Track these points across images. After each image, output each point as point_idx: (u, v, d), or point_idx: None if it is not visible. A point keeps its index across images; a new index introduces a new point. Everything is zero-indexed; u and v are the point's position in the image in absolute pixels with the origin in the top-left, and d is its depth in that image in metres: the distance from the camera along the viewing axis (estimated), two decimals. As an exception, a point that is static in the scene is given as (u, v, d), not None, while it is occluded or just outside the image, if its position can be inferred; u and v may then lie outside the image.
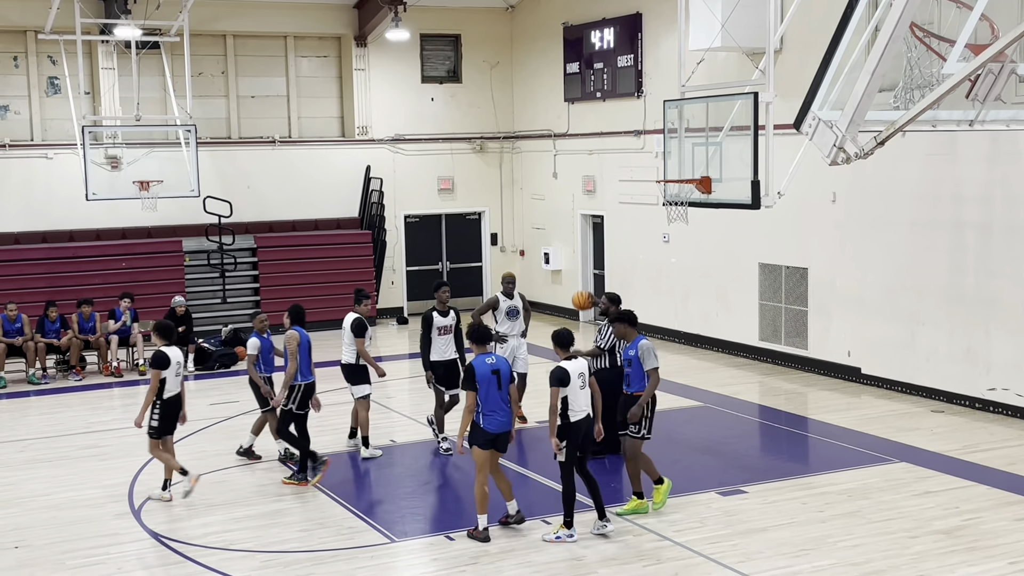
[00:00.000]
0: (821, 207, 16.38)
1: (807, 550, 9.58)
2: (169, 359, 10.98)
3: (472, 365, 9.87)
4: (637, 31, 20.21)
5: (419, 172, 23.71)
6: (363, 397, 12.78)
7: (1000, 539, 9.74)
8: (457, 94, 24.04)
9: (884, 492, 11.09)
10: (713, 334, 18.77)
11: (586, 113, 21.93)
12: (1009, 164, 13.70)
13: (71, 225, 20.90)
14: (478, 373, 9.78)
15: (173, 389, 11.09)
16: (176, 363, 11.11)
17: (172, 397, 11.09)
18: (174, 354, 11.11)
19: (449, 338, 13.00)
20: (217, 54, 22.52)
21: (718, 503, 10.88)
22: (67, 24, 19.26)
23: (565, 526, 9.89)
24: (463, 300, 24.47)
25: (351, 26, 23.06)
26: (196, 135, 19.65)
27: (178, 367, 11.15)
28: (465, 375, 10.02)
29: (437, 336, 12.88)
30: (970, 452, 12.45)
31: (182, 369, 11.28)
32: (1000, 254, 13.90)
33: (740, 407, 15.05)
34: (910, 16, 8.55)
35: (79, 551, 9.99)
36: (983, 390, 14.24)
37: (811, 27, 14.45)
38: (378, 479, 12.18)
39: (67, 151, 20.52)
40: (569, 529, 9.89)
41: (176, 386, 11.14)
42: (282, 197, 22.59)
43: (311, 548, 9.90)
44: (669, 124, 12.08)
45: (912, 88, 9.60)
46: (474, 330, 10.19)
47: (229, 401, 15.97)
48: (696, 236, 18.12)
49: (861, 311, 15.98)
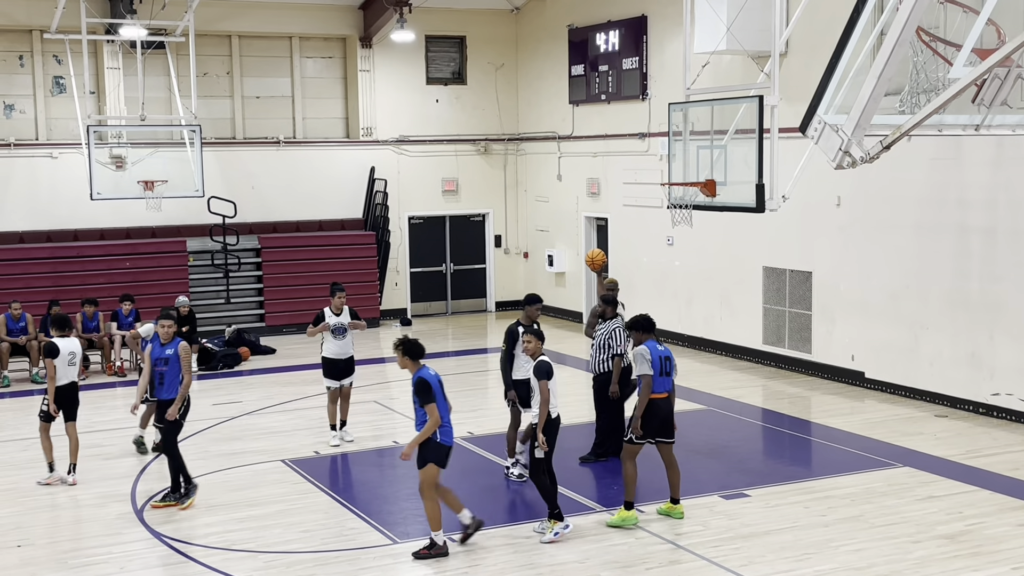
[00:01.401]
0: (825, 211, 16.36)
1: (809, 554, 9.56)
2: (59, 349, 11.62)
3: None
4: (642, 34, 20.21)
5: (423, 173, 23.72)
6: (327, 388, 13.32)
7: (1003, 544, 9.72)
8: (462, 96, 24.05)
9: (887, 497, 11.07)
10: (717, 337, 18.75)
11: (591, 115, 21.92)
12: (1014, 169, 13.68)
13: (75, 224, 20.93)
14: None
15: (65, 378, 11.70)
16: (68, 353, 11.70)
17: (65, 385, 11.72)
18: (65, 344, 11.72)
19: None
20: (222, 54, 22.54)
21: (721, 506, 10.86)
22: (72, 24, 19.28)
23: (557, 520, 9.95)
24: (466, 302, 24.55)
25: (356, 27, 23.08)
26: (201, 135, 19.65)
27: (71, 357, 11.75)
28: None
29: (520, 353, 11.59)
30: (974, 457, 12.43)
31: (76, 359, 11.84)
32: (1005, 259, 13.88)
33: (743, 410, 15.03)
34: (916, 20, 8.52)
35: (81, 550, 10.00)
36: (987, 395, 14.22)
37: (816, 30, 14.44)
38: (380, 480, 12.18)
39: (72, 150, 20.55)
40: (562, 521, 9.95)
41: (69, 375, 11.76)
42: (286, 198, 22.60)
43: (313, 549, 9.89)
44: (674, 127, 12.07)
45: (918, 92, 9.57)
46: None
47: (232, 401, 15.98)
48: (700, 239, 18.11)
49: (865, 315, 15.96)
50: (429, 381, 9.49)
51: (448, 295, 24.37)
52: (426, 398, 9.45)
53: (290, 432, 14.13)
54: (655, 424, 10.34)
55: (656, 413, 10.33)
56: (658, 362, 10.30)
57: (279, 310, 21.73)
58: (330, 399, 13.37)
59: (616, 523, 10.26)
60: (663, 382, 10.34)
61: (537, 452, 9.81)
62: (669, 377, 10.42)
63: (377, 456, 13.02)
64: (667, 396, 10.40)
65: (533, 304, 11.79)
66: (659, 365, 10.30)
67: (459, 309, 24.45)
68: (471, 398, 16.05)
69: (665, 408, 10.38)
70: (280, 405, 15.67)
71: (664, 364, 10.36)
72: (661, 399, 10.33)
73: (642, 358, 10.29)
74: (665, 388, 10.37)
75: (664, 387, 10.36)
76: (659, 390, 10.30)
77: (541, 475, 9.91)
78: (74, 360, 11.84)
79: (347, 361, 13.33)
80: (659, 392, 10.30)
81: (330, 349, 13.25)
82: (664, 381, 10.35)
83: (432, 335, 21.84)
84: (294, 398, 16.08)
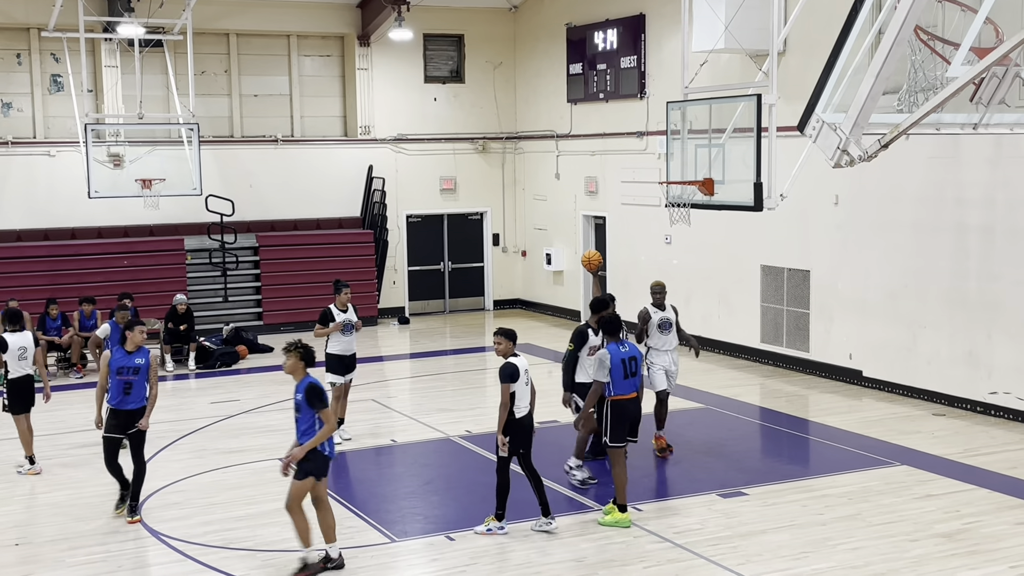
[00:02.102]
0: (823, 210, 16.37)
1: (807, 553, 9.57)
2: (7, 344, 12.06)
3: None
4: (640, 32, 20.21)
5: (421, 172, 23.71)
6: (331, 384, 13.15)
7: (1001, 543, 9.73)
8: (460, 94, 24.04)
9: (884, 495, 11.08)
10: (715, 336, 18.75)
11: (589, 114, 21.92)
12: (1012, 168, 13.69)
13: (73, 223, 20.91)
14: None
15: (16, 371, 12.13)
16: (18, 348, 12.10)
17: (17, 378, 12.14)
18: (15, 340, 12.12)
19: None
20: (220, 52, 22.52)
21: (718, 505, 10.87)
22: (70, 22, 19.27)
23: (496, 518, 10.03)
24: (463, 300, 24.54)
25: (354, 25, 23.06)
26: (199, 133, 19.64)
27: (21, 351, 12.11)
28: None
29: (586, 356, 11.55)
30: (971, 456, 12.44)
31: (28, 354, 12.16)
32: (1002, 258, 13.89)
33: (741, 409, 15.04)
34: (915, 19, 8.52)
35: (79, 549, 9.99)
36: (984, 394, 14.23)
37: (815, 29, 14.45)
38: (378, 478, 12.18)
39: (69, 149, 20.53)
40: (500, 522, 10.02)
41: (21, 369, 12.14)
42: (284, 196, 22.59)
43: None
44: (672, 125, 12.06)
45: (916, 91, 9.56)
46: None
47: (230, 400, 15.97)
48: (698, 238, 18.11)
49: (863, 314, 15.97)
50: (321, 387, 9.37)
51: (446, 294, 24.37)
52: (322, 404, 9.23)
53: (288, 430, 14.00)
54: (626, 424, 10.36)
55: (625, 414, 10.34)
56: (620, 365, 10.27)
57: (277, 308, 21.72)
58: (334, 396, 13.25)
59: (609, 524, 10.30)
60: (628, 383, 10.33)
61: (502, 451, 9.89)
62: (635, 377, 10.40)
63: (375, 454, 13.03)
64: (635, 396, 10.41)
65: (607, 307, 11.47)
66: (621, 368, 10.27)
67: (457, 307, 24.45)
68: (469, 396, 16.06)
69: (633, 409, 10.40)
70: (278, 403, 15.65)
71: (628, 365, 10.33)
72: (628, 400, 10.34)
73: (600, 363, 10.30)
74: (633, 388, 10.39)
75: (631, 388, 10.36)
76: (626, 391, 10.31)
77: (501, 472, 9.98)
78: (25, 355, 12.14)
79: (352, 357, 13.31)
80: (625, 393, 10.31)
81: (337, 346, 13.17)
82: (630, 382, 10.35)
83: (430, 333, 21.85)
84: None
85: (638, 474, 11.71)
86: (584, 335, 11.53)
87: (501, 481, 9.99)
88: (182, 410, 15.44)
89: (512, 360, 9.92)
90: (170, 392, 16.78)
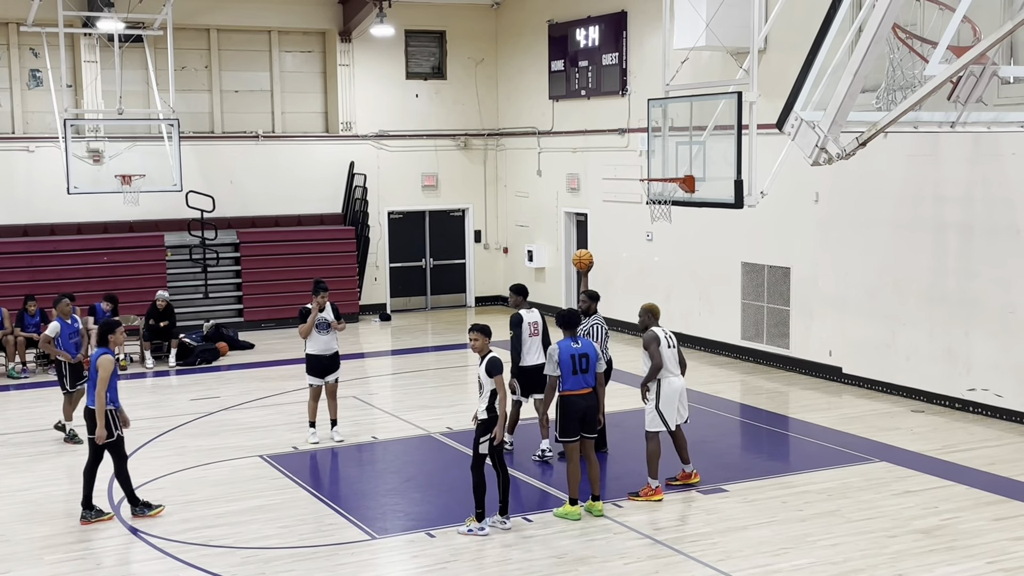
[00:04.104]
0: (804, 207, 16.43)
1: (787, 549, 9.61)
2: None
3: None
4: (622, 29, 20.23)
5: (403, 168, 23.68)
6: (310, 385, 13.19)
7: (978, 539, 9.79)
8: (442, 90, 24.01)
9: (864, 491, 11.13)
10: (696, 333, 18.80)
11: (571, 111, 21.93)
12: (990, 165, 13.77)
13: (52, 219, 20.80)
14: None
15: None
16: None
17: None
18: None
19: None
20: (200, 48, 22.43)
21: (699, 501, 10.90)
22: (49, 17, 19.16)
23: (476, 518, 10.06)
24: (445, 297, 24.53)
25: (335, 21, 23.01)
26: (179, 129, 19.57)
27: None
28: None
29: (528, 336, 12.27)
30: (949, 452, 12.52)
31: None
32: (980, 255, 13.97)
33: (722, 406, 15.08)
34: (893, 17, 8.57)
35: (58, 546, 9.94)
36: (963, 390, 14.31)
37: (795, 27, 14.49)
38: (359, 475, 12.17)
39: (49, 144, 20.42)
40: (480, 521, 10.04)
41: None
42: (265, 192, 22.53)
43: (291, 544, 9.87)
44: (653, 123, 12.09)
45: (894, 89, 9.62)
46: None
47: (210, 397, 15.92)
48: (679, 235, 18.15)
49: (843, 311, 16.04)
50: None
51: (428, 290, 24.35)
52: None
53: (268, 427, 14.10)
54: (576, 420, 10.39)
55: (574, 410, 10.37)
56: (569, 361, 10.31)
57: (257, 305, 21.66)
58: (312, 396, 13.25)
59: (560, 515, 10.41)
60: (577, 380, 10.35)
61: (482, 448, 9.97)
62: (587, 374, 10.40)
63: (356, 451, 13.01)
64: (587, 392, 10.41)
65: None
66: (571, 363, 10.31)
67: (439, 304, 24.43)
68: (450, 393, 16.06)
69: (582, 404, 10.40)
70: (258, 400, 15.63)
71: (579, 362, 10.35)
72: (577, 395, 10.37)
73: (549, 357, 10.41)
74: (587, 384, 10.40)
75: (582, 383, 10.37)
76: (576, 387, 10.34)
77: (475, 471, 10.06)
78: None
79: (331, 357, 13.18)
80: (575, 389, 10.35)
81: (314, 346, 13.09)
82: (580, 378, 10.36)
83: (412, 330, 21.83)
84: (272, 393, 16.04)
85: (619, 471, 11.74)
86: (518, 318, 12.11)
87: (476, 480, 10.01)
88: (162, 407, 15.39)
89: (495, 354, 10.02)
90: (150, 389, 16.73)
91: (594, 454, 10.71)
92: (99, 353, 10.53)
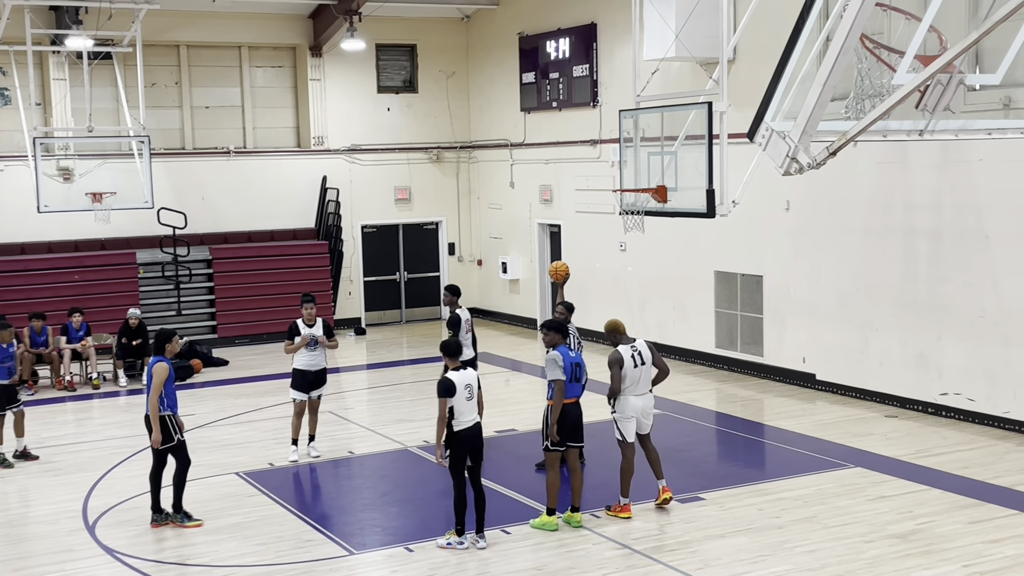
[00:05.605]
0: (775, 215, 16.53)
1: (764, 556, 9.65)
2: None
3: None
4: (592, 41, 20.32)
5: (376, 182, 23.66)
6: (292, 400, 13.10)
7: (954, 542, 9.87)
8: (413, 104, 24.03)
9: (839, 497, 11.20)
10: (670, 342, 18.87)
11: (542, 123, 21.99)
12: (958, 173, 13.91)
13: (22, 238, 20.64)
14: None
15: None
16: None
17: None
18: None
19: None
20: (170, 64, 22.35)
21: (676, 510, 10.93)
22: (17, 35, 19.05)
23: (456, 533, 10.03)
24: (420, 310, 24.51)
25: (306, 36, 22.99)
26: (150, 146, 19.47)
27: None
28: None
29: (465, 334, 13.10)
30: (923, 456, 12.61)
31: None
32: (950, 261, 14.11)
33: (697, 414, 15.13)
34: (861, 27, 8.64)
35: (33, 568, 9.85)
36: (935, 395, 14.43)
37: (763, 37, 14.61)
38: (336, 491, 12.12)
39: (18, 163, 20.26)
40: (460, 536, 10.01)
41: None
42: (237, 208, 22.45)
43: (269, 562, 9.83)
44: (625, 133, 12.14)
45: (863, 98, 9.69)
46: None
47: (185, 414, 15.76)
48: (652, 245, 18.22)
49: (815, 318, 16.14)
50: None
51: (402, 303, 24.32)
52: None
53: (244, 444, 14.03)
54: (566, 428, 10.44)
55: (565, 418, 10.41)
56: (569, 368, 10.38)
57: (231, 321, 21.56)
58: (296, 412, 13.03)
59: (537, 526, 10.42)
60: (572, 388, 10.43)
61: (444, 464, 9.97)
62: (579, 383, 10.51)
63: (332, 466, 12.96)
64: (575, 401, 10.49)
65: None
66: (570, 371, 10.39)
67: (413, 317, 24.40)
68: (426, 407, 16.01)
69: (572, 413, 10.47)
70: (234, 417, 15.55)
71: (575, 370, 10.45)
72: (570, 404, 10.43)
73: (554, 363, 10.38)
74: (574, 394, 10.47)
75: (573, 392, 10.45)
76: (568, 396, 10.39)
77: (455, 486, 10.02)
78: None
79: (318, 373, 13.01)
80: (568, 398, 10.39)
81: (301, 361, 12.94)
82: (573, 387, 10.44)
83: (387, 344, 21.79)
84: (248, 410, 15.96)
85: (595, 481, 11.75)
86: (456, 318, 12.88)
87: (457, 496, 9.99)
88: (136, 425, 15.23)
89: (450, 375, 9.98)
90: (123, 407, 16.60)
91: (579, 464, 10.72)
92: (155, 361, 10.82)
